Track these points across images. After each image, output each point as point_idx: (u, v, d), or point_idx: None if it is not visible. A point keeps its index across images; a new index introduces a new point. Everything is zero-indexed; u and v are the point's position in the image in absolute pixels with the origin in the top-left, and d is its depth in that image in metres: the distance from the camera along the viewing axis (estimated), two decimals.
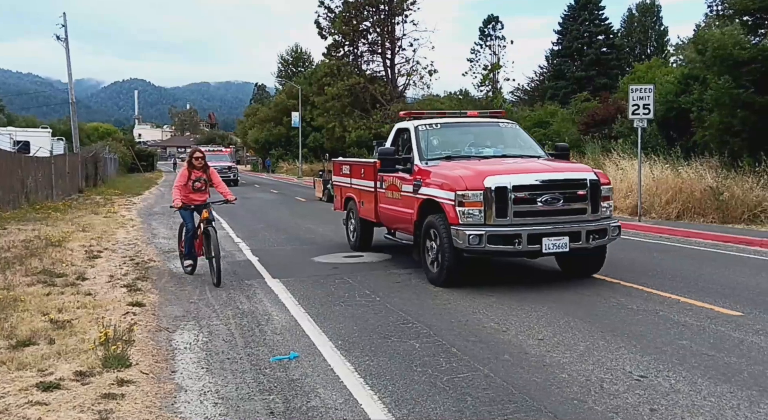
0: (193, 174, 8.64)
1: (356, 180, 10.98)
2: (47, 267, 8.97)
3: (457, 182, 7.50)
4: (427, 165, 8.43)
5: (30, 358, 5.04)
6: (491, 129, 9.80)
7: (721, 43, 18.08)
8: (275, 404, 4.30)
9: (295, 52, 73.23)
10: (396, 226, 9.65)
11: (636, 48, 52.13)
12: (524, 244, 7.27)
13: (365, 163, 10.99)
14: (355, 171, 11.14)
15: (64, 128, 45.88)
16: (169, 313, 6.83)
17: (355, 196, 11.03)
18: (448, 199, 7.54)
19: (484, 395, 4.38)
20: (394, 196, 9.24)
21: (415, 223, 8.42)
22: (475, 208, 7.33)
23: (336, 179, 12.52)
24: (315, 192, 25.81)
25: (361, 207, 10.77)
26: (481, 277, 8.27)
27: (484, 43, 50.23)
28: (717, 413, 4.03)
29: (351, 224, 11.47)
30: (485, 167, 7.84)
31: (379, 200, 9.90)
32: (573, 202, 7.58)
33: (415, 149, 8.84)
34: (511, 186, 7.32)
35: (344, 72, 35.18)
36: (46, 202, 19.88)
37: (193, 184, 8.61)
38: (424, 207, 8.19)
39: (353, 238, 11.33)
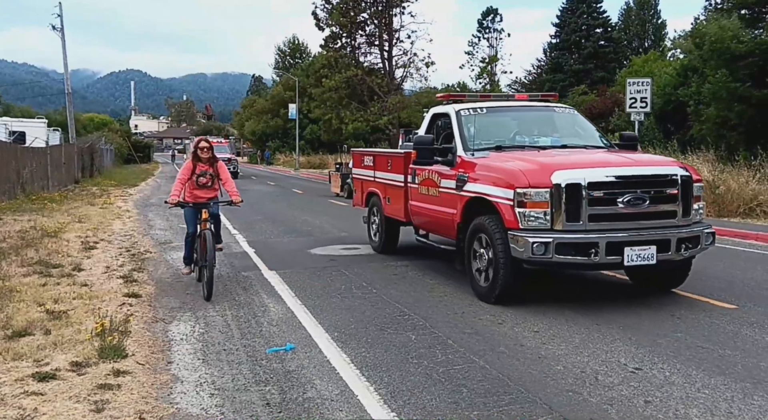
0: (198, 167, 7.50)
1: (381, 173, 9.74)
2: (43, 258, 8.95)
3: (516, 177, 6.21)
4: (473, 156, 7.15)
5: (26, 349, 5.04)
6: (546, 114, 8.38)
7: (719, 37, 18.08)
8: (271, 395, 4.31)
9: (292, 44, 72.94)
10: (431, 228, 8.50)
11: (634, 41, 52.09)
12: (602, 255, 5.97)
13: (393, 153, 9.94)
14: (380, 163, 9.89)
15: (60, 119, 45.74)
16: (165, 304, 6.83)
17: (380, 191, 9.84)
18: (505, 198, 6.27)
19: (479, 387, 4.40)
20: (430, 193, 7.98)
21: (458, 225, 7.18)
22: (539, 210, 6.06)
23: (356, 172, 11.19)
24: (331, 187, 23.57)
25: (386, 204, 9.56)
26: None
27: (482, 35, 50.15)
28: (711, 405, 4.05)
29: (374, 223, 10.28)
30: (550, 159, 6.61)
31: (411, 197, 8.63)
32: (661, 203, 6.28)
33: (458, 137, 7.51)
34: (585, 183, 6.02)
35: (342, 64, 35.03)
36: (41, 192, 19.82)
37: (198, 180, 7.48)
38: (470, 207, 6.94)
39: (376, 239, 10.13)
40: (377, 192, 9.99)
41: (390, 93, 35.02)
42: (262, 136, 64.91)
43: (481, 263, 6.75)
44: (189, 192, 7.55)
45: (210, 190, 7.62)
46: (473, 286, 6.95)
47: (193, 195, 7.56)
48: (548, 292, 7.18)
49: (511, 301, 6.48)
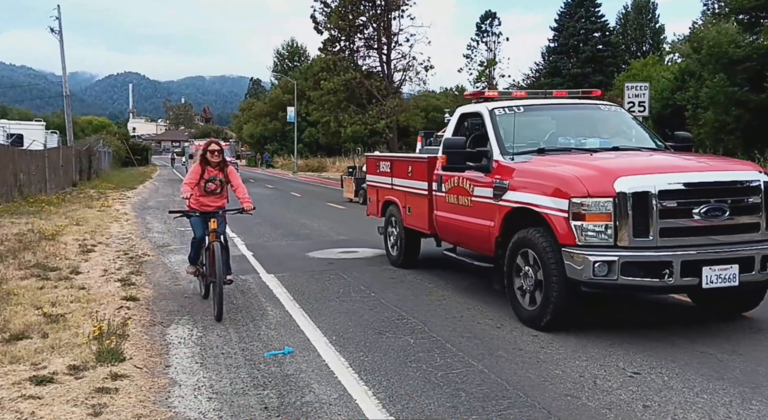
0: (206, 172, 6.84)
1: (400, 180, 8.88)
2: (41, 261, 8.93)
3: (571, 185, 5.39)
4: (512, 161, 6.30)
5: (23, 352, 5.02)
6: (590, 113, 7.56)
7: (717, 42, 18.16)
8: (269, 399, 4.30)
9: (291, 47, 73.06)
10: (461, 242, 7.63)
11: (632, 45, 52.23)
12: (677, 277, 5.14)
13: (415, 158, 8.88)
14: (398, 168, 9.02)
15: (58, 121, 45.68)
16: (163, 307, 6.81)
17: (399, 200, 8.96)
18: (556, 208, 5.45)
19: (478, 391, 4.39)
20: (460, 203, 7.12)
21: (497, 239, 6.35)
22: (600, 223, 5.22)
23: (371, 179, 10.25)
24: (344, 192, 22.23)
25: (406, 214, 8.70)
26: (477, 274, 8.28)
27: (481, 39, 50.30)
28: (709, 410, 4.05)
29: (392, 235, 9.34)
30: (610, 163, 5.82)
31: (437, 206, 7.78)
32: (741, 214, 5.42)
33: (494, 140, 6.66)
34: (656, 191, 5.18)
35: (340, 67, 35.12)
36: (39, 195, 19.79)
37: (206, 185, 6.81)
38: (511, 218, 6.12)
39: (394, 253, 9.22)
40: (395, 201, 9.11)
41: (388, 96, 35.09)
42: (261, 139, 64.94)
43: (525, 283, 5.89)
44: (195, 198, 6.83)
45: (218, 197, 6.96)
46: (515, 308, 6.09)
47: (199, 202, 6.87)
48: None
49: (563, 328, 5.65)
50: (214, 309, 6.33)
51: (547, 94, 7.92)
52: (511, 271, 6.11)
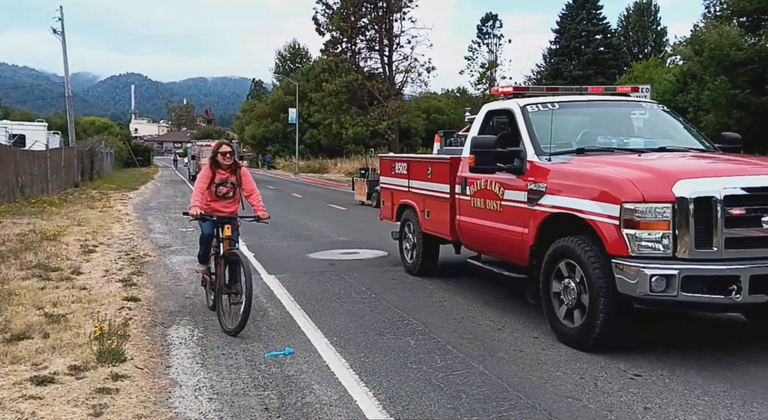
0: (217, 175, 6.39)
1: (418, 182, 8.33)
2: (42, 261, 8.94)
3: (623, 188, 4.85)
4: (549, 162, 5.79)
5: (24, 352, 5.03)
6: (630, 110, 7.03)
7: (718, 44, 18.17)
8: (270, 400, 4.30)
9: (292, 49, 73.19)
10: (488, 249, 7.08)
11: (633, 48, 52.25)
12: (745, 294, 4.60)
13: (435, 160, 8.26)
14: (416, 170, 8.47)
15: (60, 122, 45.77)
16: (164, 308, 6.82)
17: (416, 203, 8.41)
18: (605, 215, 4.91)
19: (478, 393, 4.39)
20: (488, 207, 6.58)
21: (532, 248, 5.81)
22: (657, 232, 4.69)
23: (385, 181, 9.68)
24: (355, 194, 21.49)
25: (425, 219, 8.16)
26: (478, 275, 8.28)
27: (482, 41, 50.32)
28: (710, 412, 4.05)
29: (408, 241, 8.84)
30: (667, 165, 5.37)
31: (460, 211, 7.22)
32: None
33: (527, 139, 6.14)
34: (721, 196, 4.67)
35: (342, 68, 35.16)
36: (41, 195, 19.82)
37: (217, 189, 6.38)
38: (549, 225, 5.60)
39: (410, 259, 8.70)
40: (413, 204, 8.54)
41: (390, 98, 35.12)
42: (262, 140, 65.00)
43: (567, 297, 5.35)
44: (205, 203, 6.36)
45: (231, 202, 6.50)
46: (554, 325, 5.54)
47: (210, 207, 6.38)
48: None
49: (611, 349, 5.12)
50: (225, 319, 5.89)
51: (581, 90, 7.35)
52: (548, 284, 5.57)
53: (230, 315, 5.89)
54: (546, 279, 5.61)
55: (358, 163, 43.86)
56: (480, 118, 7.31)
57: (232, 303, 5.92)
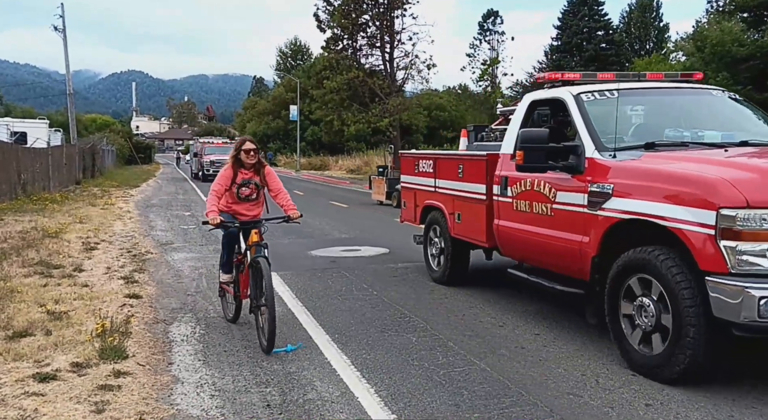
0: (240, 175, 5.84)
1: (447, 182, 7.58)
2: (44, 258, 8.96)
3: (719, 190, 4.09)
4: (613, 159, 4.99)
5: (26, 349, 5.04)
6: (699, 99, 6.17)
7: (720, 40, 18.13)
8: (272, 397, 4.31)
9: (294, 45, 73.11)
10: (534, 259, 6.15)
11: (635, 44, 52.14)
12: None
13: (468, 156, 7.40)
14: (444, 168, 7.70)
15: (62, 119, 45.82)
16: (166, 305, 6.83)
17: (444, 205, 7.67)
18: (694, 222, 4.15)
19: (480, 389, 4.39)
20: (535, 211, 5.77)
21: (594, 260, 5.01)
22: (764, 244, 3.96)
23: (407, 180, 8.92)
24: (372, 194, 20.32)
25: (455, 222, 7.41)
26: (478, 273, 8.27)
27: (483, 37, 50.23)
28: (713, 409, 4.05)
29: (434, 246, 8.12)
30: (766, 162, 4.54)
31: (499, 214, 6.42)
32: None
33: (584, 132, 5.33)
34: None
35: (343, 65, 35.10)
36: (43, 193, 19.83)
37: (239, 191, 5.85)
38: (616, 233, 4.80)
39: (437, 267, 7.96)
40: (440, 206, 7.81)
41: (391, 95, 35.07)
42: (264, 137, 64.99)
43: (642, 319, 4.58)
44: (226, 205, 5.87)
45: (254, 204, 6.01)
46: (624, 350, 4.78)
47: (231, 210, 5.89)
48: (549, 295, 7.16)
49: (698, 380, 4.43)
50: (260, 336, 5.32)
51: (640, 77, 6.45)
52: (616, 302, 4.80)
53: (262, 330, 5.32)
54: (613, 297, 4.82)
55: (359, 161, 43.88)
56: (522, 110, 6.45)
57: (259, 315, 5.39)
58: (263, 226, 5.77)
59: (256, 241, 5.55)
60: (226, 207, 5.88)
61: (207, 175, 32.86)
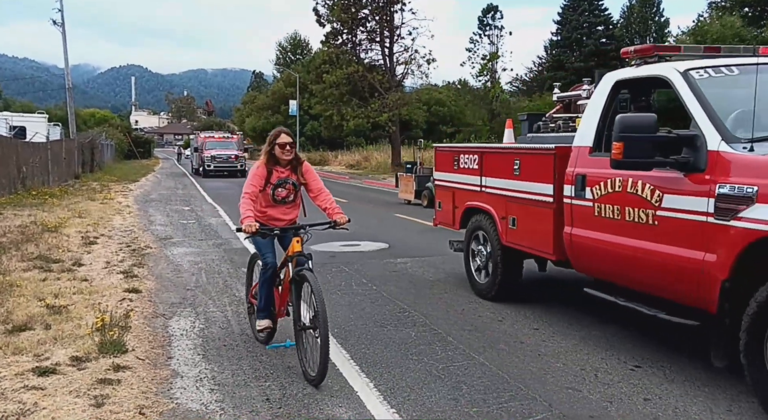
0: (274, 174, 5.02)
1: (498, 180, 6.49)
2: (43, 252, 8.95)
3: None
4: (750, 152, 3.93)
5: (26, 343, 5.04)
6: None
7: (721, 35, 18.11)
8: (271, 391, 4.32)
9: (293, 40, 72.93)
10: (625, 277, 4.93)
11: (636, 39, 52.04)
12: None
13: (529, 150, 6.21)
14: (494, 164, 6.63)
15: (61, 114, 45.73)
16: (165, 299, 6.83)
17: (493, 207, 6.58)
18: None
19: (479, 383, 4.40)
20: (630, 218, 4.65)
21: (723, 285, 3.95)
22: None
23: (443, 177, 7.86)
24: (399, 193, 18.71)
25: (507, 228, 6.33)
26: None
27: (483, 32, 50.07)
28: (711, 403, 4.06)
29: (478, 255, 7.00)
30: None
31: (574, 220, 5.30)
32: None
33: (704, 119, 4.29)
34: None
35: (342, 60, 35.02)
36: (42, 187, 19.82)
37: (274, 192, 5.04)
38: (759, 251, 3.75)
39: (483, 280, 6.89)
40: (487, 209, 6.71)
41: (391, 90, 35.02)
42: (263, 132, 64.91)
43: None
44: (259, 211, 5.04)
45: (291, 207, 5.19)
46: None
47: (265, 215, 5.07)
48: (548, 291, 7.17)
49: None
50: (303, 361, 4.54)
51: (752, 51, 5.17)
52: (761, 344, 3.73)
53: (305, 353, 4.54)
54: (755, 336, 3.75)
55: (358, 156, 43.82)
56: (603, 93, 5.34)
57: (302, 338, 4.61)
58: (307, 232, 4.92)
59: (298, 250, 4.73)
60: (260, 212, 5.04)
61: (208, 171, 32.66)
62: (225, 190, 22.79)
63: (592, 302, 6.44)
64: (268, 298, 5.05)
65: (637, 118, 4.43)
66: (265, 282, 5.03)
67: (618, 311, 6.25)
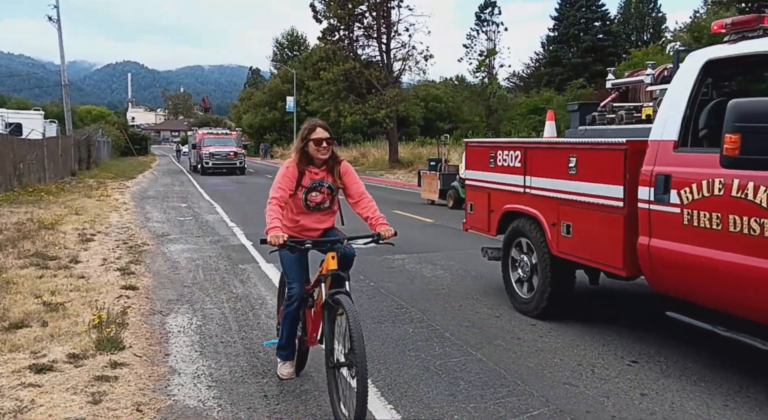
0: (307, 175, 4.18)
1: (548, 180, 5.62)
2: (40, 250, 8.93)
3: None
4: None
5: (23, 341, 5.03)
6: None
7: None
8: (269, 387, 4.32)
9: (290, 36, 72.77)
10: (727, 301, 4.16)
11: (633, 35, 52.07)
12: None
13: (590, 144, 5.23)
14: (543, 161, 5.74)
15: (57, 110, 45.58)
16: (162, 296, 6.82)
17: (541, 212, 5.73)
18: None
19: (476, 379, 4.41)
20: (736, 230, 3.86)
21: None
22: None
23: (476, 176, 6.96)
24: (422, 192, 17.56)
25: (559, 236, 5.47)
26: (474, 265, 8.28)
27: (480, 28, 50.01)
28: (707, 398, 4.07)
29: (520, 266, 6.21)
30: None
31: (655, 230, 4.46)
32: None
33: None
34: None
35: (339, 56, 34.97)
36: (38, 184, 19.77)
37: (307, 197, 4.21)
38: None
39: (526, 294, 6.09)
40: (533, 213, 5.85)
41: (388, 86, 34.98)
42: (260, 128, 64.81)
43: None
44: (289, 219, 4.25)
45: (327, 215, 4.37)
46: None
47: (297, 226, 4.24)
48: None
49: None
50: (338, 405, 3.73)
51: None
52: None
53: (340, 394, 3.75)
54: None
55: (356, 152, 43.79)
56: (689, 75, 4.54)
57: (335, 375, 3.81)
58: (345, 246, 4.03)
59: (333, 269, 3.90)
60: (289, 221, 4.22)
61: (206, 169, 32.13)
62: (222, 187, 22.76)
63: (589, 300, 6.45)
64: (291, 335, 4.26)
65: (760, 104, 3.59)
66: (288, 315, 4.19)
67: (614, 308, 6.27)
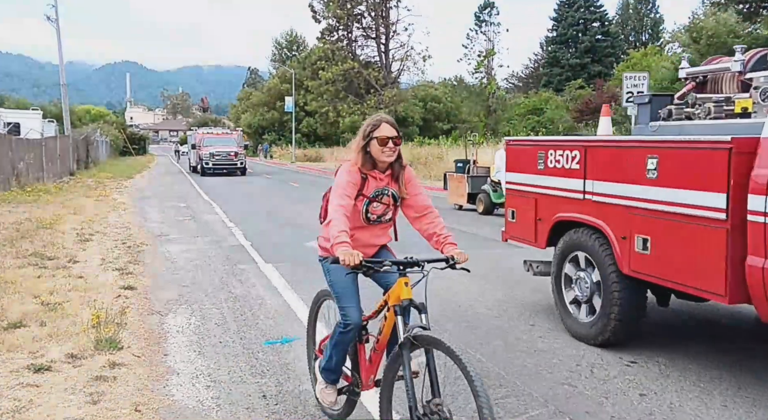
0: (370, 181, 3.40)
1: (616, 185, 4.79)
2: (38, 249, 8.92)
3: None
4: None
5: (21, 340, 5.02)
6: None
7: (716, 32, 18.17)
8: (268, 387, 4.31)
9: (289, 36, 72.78)
10: None
11: (631, 35, 52.13)
12: None
13: (678, 142, 4.34)
14: (608, 162, 4.92)
15: (55, 110, 45.58)
16: (161, 296, 6.81)
17: (608, 222, 4.89)
18: None
19: None
20: None
21: None
22: None
23: (519, 180, 6.15)
24: (448, 196, 16.06)
25: (633, 251, 4.63)
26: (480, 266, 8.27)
27: (479, 29, 50.08)
28: (706, 398, 4.07)
29: (578, 285, 5.35)
30: None
31: None
32: None
33: None
34: None
35: (338, 56, 35.05)
36: (36, 184, 19.75)
37: (368, 208, 3.46)
38: None
39: (586, 317, 5.24)
40: (597, 224, 5.02)
41: (386, 86, 35.02)
42: (258, 128, 64.82)
43: None
44: None
45: (384, 228, 3.63)
46: None
47: (352, 240, 3.25)
48: (546, 287, 7.18)
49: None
50: None
51: None
52: None
53: None
54: None
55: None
56: None
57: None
58: (422, 270, 3.30)
59: (408, 298, 3.26)
60: None
61: (206, 169, 31.56)
62: (221, 188, 22.75)
63: None
64: (340, 362, 3.55)
65: None
66: (340, 343, 3.48)
67: None
